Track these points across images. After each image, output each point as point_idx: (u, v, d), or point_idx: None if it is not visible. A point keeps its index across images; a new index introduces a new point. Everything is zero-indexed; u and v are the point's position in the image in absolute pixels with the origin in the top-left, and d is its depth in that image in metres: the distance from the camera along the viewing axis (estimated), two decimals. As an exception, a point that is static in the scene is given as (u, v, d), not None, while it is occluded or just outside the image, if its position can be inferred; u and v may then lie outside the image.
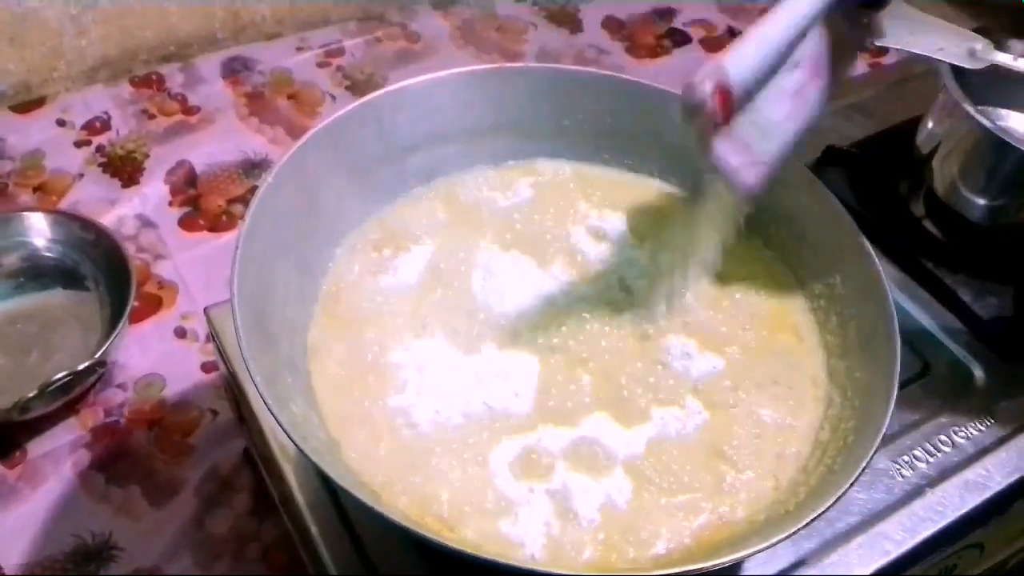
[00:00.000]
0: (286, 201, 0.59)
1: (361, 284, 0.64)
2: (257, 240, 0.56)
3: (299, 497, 0.61)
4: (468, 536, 0.51)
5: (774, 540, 0.46)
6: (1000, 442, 0.65)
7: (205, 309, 0.70)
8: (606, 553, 0.52)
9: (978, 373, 0.68)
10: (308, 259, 0.62)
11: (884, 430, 0.50)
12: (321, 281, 0.63)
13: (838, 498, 0.47)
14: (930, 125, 0.76)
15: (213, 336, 0.70)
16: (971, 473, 0.63)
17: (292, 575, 0.80)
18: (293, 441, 0.47)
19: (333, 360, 0.59)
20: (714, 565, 0.46)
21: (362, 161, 0.66)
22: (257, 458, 0.77)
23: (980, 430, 0.65)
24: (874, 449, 0.49)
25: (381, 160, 0.67)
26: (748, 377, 0.60)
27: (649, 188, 0.72)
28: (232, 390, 0.73)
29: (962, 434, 0.65)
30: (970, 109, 0.69)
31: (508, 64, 0.93)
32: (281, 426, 0.47)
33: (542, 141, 0.72)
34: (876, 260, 0.59)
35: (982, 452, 0.64)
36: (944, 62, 0.66)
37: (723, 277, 0.66)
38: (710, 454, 0.56)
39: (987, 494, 0.62)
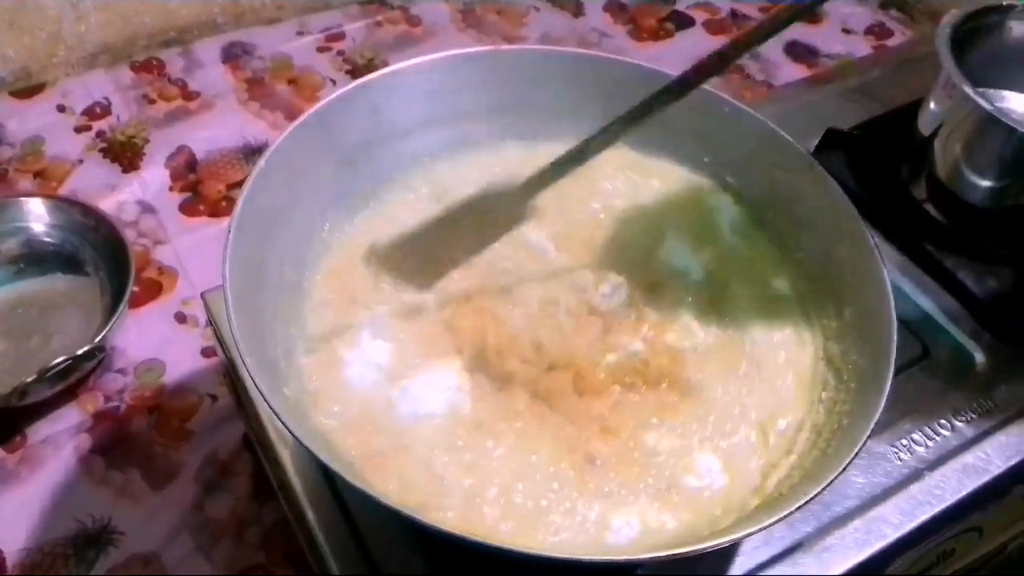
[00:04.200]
0: (279, 185, 0.59)
1: (355, 269, 0.63)
2: (250, 225, 0.55)
3: (296, 482, 0.61)
4: (454, 519, 0.51)
5: (766, 523, 0.45)
6: (1000, 426, 0.64)
7: (202, 294, 0.70)
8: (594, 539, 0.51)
9: (978, 356, 0.68)
10: (302, 244, 0.62)
11: (878, 415, 0.49)
12: (316, 266, 0.63)
13: (830, 482, 0.47)
14: (931, 107, 0.75)
15: (211, 321, 0.70)
16: (970, 457, 0.63)
17: (291, 559, 0.80)
18: (284, 424, 0.47)
19: (326, 345, 0.59)
20: (705, 548, 0.45)
21: (356, 144, 0.65)
22: (255, 443, 0.77)
23: (980, 413, 0.65)
24: (867, 434, 0.48)
25: (376, 143, 0.66)
26: (742, 360, 0.60)
27: (652, 169, 0.71)
28: (230, 375, 0.73)
29: (961, 418, 0.64)
30: (969, 91, 0.68)
31: (503, 47, 0.93)
32: (272, 410, 0.47)
33: (539, 125, 0.71)
34: (873, 243, 0.59)
35: (981, 436, 0.64)
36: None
37: (719, 260, 0.66)
38: (703, 437, 0.56)
39: (986, 478, 0.62)
